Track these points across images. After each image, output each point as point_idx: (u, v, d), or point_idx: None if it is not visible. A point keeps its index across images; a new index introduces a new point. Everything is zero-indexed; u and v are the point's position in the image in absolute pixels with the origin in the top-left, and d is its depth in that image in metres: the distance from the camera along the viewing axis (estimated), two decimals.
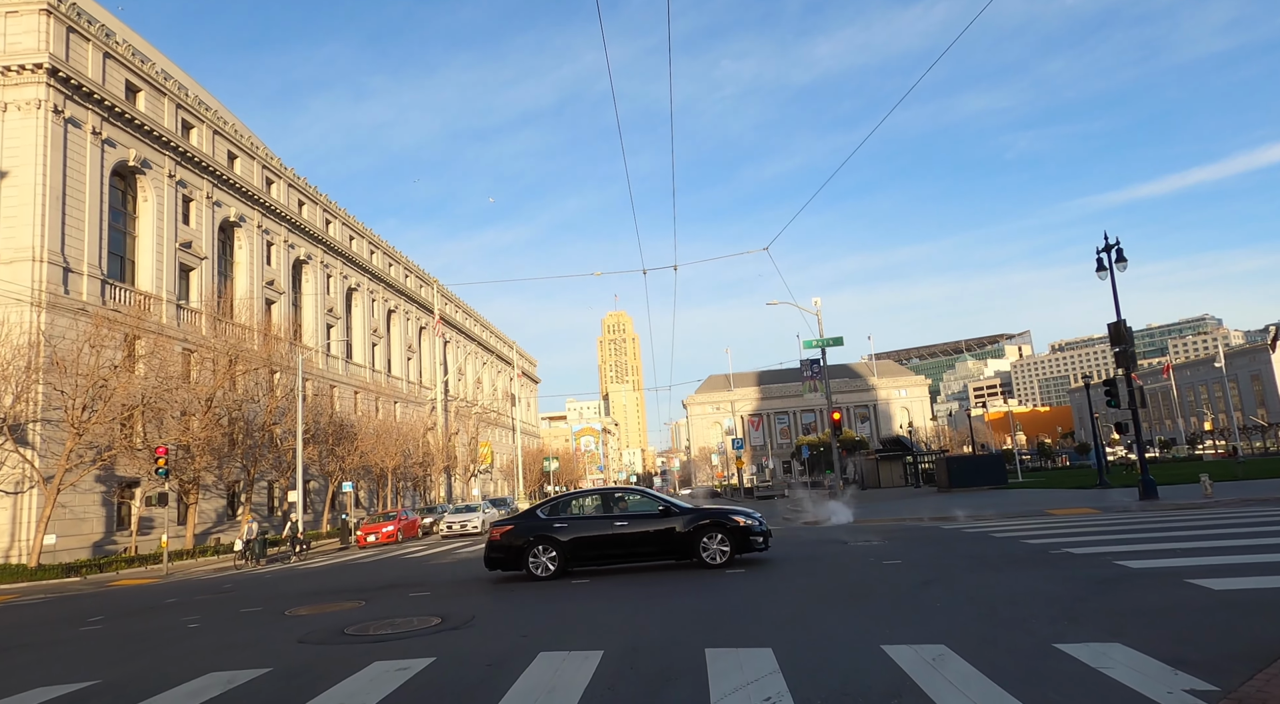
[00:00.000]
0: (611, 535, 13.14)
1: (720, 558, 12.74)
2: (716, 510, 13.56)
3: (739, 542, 12.89)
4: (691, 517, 13.11)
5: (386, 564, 21.65)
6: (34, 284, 31.46)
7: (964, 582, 10.03)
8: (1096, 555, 11.51)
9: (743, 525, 12.94)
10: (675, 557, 13.16)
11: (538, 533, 13.26)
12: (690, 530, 12.89)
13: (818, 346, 33.10)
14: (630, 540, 13.11)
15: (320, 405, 48.14)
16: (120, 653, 9.10)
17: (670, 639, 7.58)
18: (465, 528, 35.14)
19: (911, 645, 6.68)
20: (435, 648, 7.85)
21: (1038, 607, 8.04)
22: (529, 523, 13.60)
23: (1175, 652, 6.09)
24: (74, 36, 35.04)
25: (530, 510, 14.15)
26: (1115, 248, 24.35)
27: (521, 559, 13.18)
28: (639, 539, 13.09)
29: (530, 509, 14.25)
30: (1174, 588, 8.58)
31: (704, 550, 12.81)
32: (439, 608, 10.85)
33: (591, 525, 13.36)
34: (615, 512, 13.55)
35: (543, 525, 13.40)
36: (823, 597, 9.64)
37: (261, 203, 48.92)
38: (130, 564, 28.94)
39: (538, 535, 13.23)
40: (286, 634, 9.45)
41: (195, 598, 15.90)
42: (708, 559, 12.75)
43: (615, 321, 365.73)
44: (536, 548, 13.13)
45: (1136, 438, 24.99)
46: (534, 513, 13.90)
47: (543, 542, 13.17)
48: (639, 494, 14.17)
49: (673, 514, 13.15)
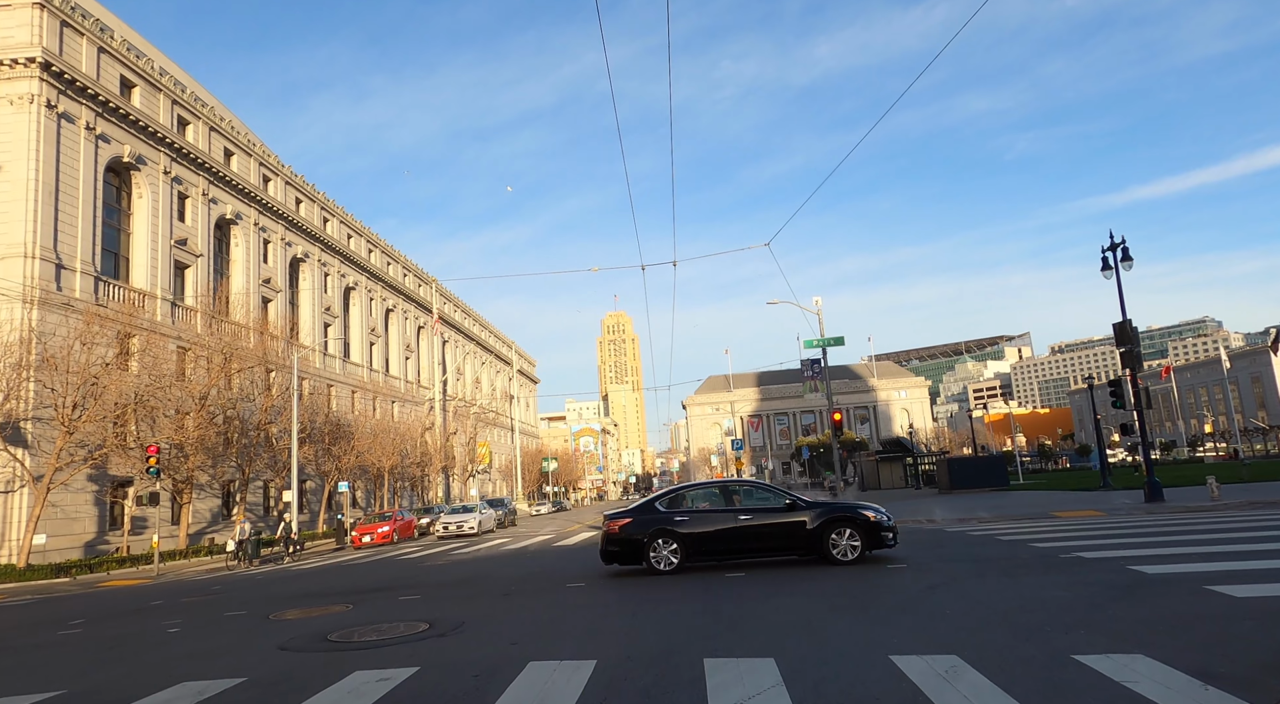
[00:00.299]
0: (736, 529, 12.70)
1: (851, 554, 12.31)
2: (845, 504, 13.12)
3: (870, 537, 12.44)
4: (820, 511, 12.68)
5: (380, 565, 21.28)
6: (26, 280, 31.09)
7: (972, 587, 9.67)
8: (1109, 560, 11.14)
9: (873, 520, 12.49)
10: (800, 552, 12.78)
11: (658, 526, 12.85)
12: (819, 525, 12.46)
13: (819, 346, 32.75)
14: (755, 535, 12.68)
15: (317, 404, 47.78)
16: (93, 660, 8.72)
17: (667, 648, 7.22)
18: (462, 529, 34.76)
19: (922, 656, 6.32)
20: (420, 656, 7.48)
21: (1052, 614, 7.67)
22: (648, 516, 13.12)
23: (1202, 663, 5.73)
24: (68, 31, 34.68)
25: (647, 503, 13.64)
26: (1121, 246, 23.99)
27: (641, 553, 12.80)
28: (764, 534, 12.68)
29: (646, 502, 13.72)
30: (1194, 595, 8.22)
31: (833, 547, 12.37)
32: (428, 612, 10.48)
33: (714, 519, 12.86)
34: (737, 505, 13.07)
35: (663, 519, 12.96)
36: (826, 602, 9.27)
37: (258, 200, 48.54)
38: (122, 564, 28.56)
39: (658, 529, 12.83)
40: (268, 640, 9.08)
41: (182, 600, 15.53)
42: (837, 556, 12.31)
43: (615, 322, 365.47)
44: (657, 542, 12.74)
45: (1142, 439, 24.63)
46: (651, 506, 13.43)
47: (664, 535, 12.77)
48: (760, 488, 13.69)
49: (799, 508, 12.72)
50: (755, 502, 13.15)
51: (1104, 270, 24.54)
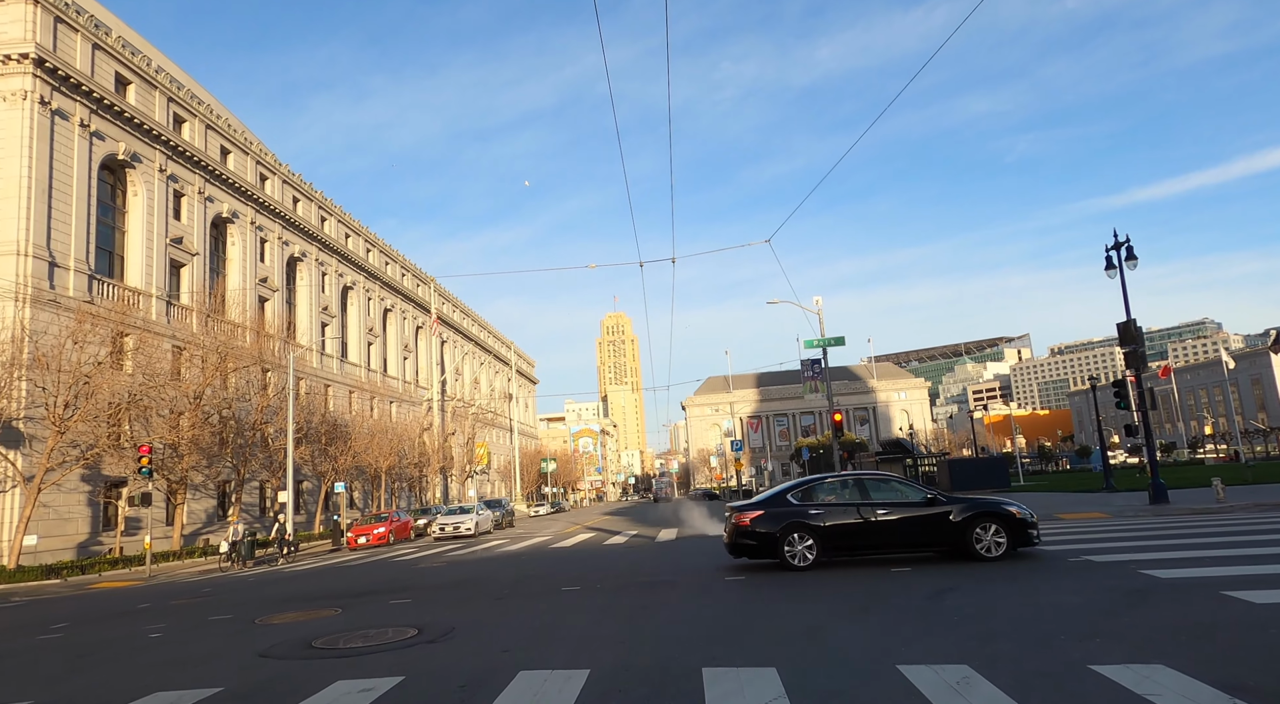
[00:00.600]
0: (874, 524, 12.31)
1: (995, 551, 11.92)
2: (989, 500, 12.71)
3: (1016, 534, 12.04)
4: (964, 505, 12.31)
5: (373, 567, 20.97)
6: (18, 278, 30.77)
7: (979, 592, 9.36)
8: (1119, 564, 10.84)
9: (1019, 517, 12.10)
10: (941, 547, 12.46)
11: (793, 520, 12.43)
12: (964, 520, 12.08)
13: (819, 346, 32.44)
14: (894, 529, 12.30)
15: (313, 404, 47.46)
16: (68, 667, 8.39)
17: (664, 656, 6.91)
18: (458, 530, 34.41)
19: (931, 666, 6.02)
20: (407, 665, 7.17)
21: (1065, 621, 7.38)
22: (781, 509, 12.69)
23: (1227, 675, 5.44)
24: (62, 27, 34.35)
25: (778, 495, 13.14)
26: (1125, 245, 23.71)
27: (776, 547, 12.38)
28: (904, 528, 12.30)
29: (777, 494, 13.21)
30: (1211, 601, 7.92)
31: (977, 542, 11.98)
32: (418, 617, 10.16)
33: (850, 512, 12.43)
34: (873, 499, 12.67)
35: (797, 512, 12.54)
36: (830, 607, 8.97)
37: (255, 199, 48.22)
38: (114, 566, 28.21)
39: (793, 522, 12.42)
40: (250, 647, 8.75)
41: (169, 603, 15.20)
42: (982, 551, 11.94)
43: (614, 323, 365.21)
44: (793, 536, 12.34)
45: (1147, 440, 24.35)
46: (783, 498, 12.95)
47: (799, 529, 12.36)
48: (895, 481, 13.27)
49: (940, 502, 12.34)
50: (892, 495, 12.75)
51: (1108, 269, 24.25)
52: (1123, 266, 23.78)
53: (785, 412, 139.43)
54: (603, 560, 17.34)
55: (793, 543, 12.34)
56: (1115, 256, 23.90)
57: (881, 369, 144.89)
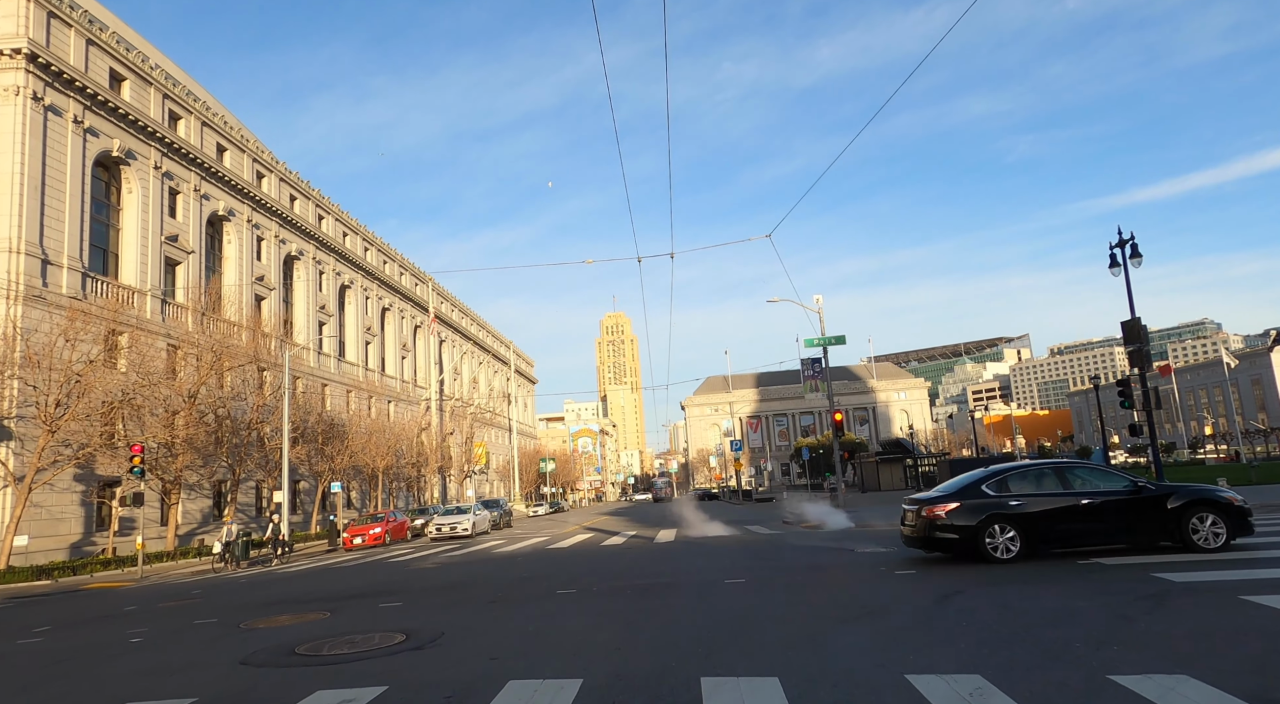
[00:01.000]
0: (1081, 513, 11.65)
1: (1214, 542, 11.29)
2: (1202, 487, 12.07)
3: (1235, 523, 11.33)
4: (1178, 494, 11.69)
5: (367, 568, 20.64)
6: (10, 276, 30.44)
7: (988, 596, 9.05)
8: (1130, 566, 10.53)
9: (1237, 504, 11.48)
10: (1151, 538, 11.82)
11: (992, 511, 11.74)
12: (1178, 508, 11.47)
13: (819, 345, 32.13)
14: (1102, 519, 11.69)
15: (310, 404, 47.11)
16: (40, 676, 8.07)
17: (661, 664, 6.59)
18: (455, 531, 34.07)
19: (941, 676, 5.71)
20: (391, 673, 6.85)
21: (1080, 627, 7.06)
22: (978, 499, 11.99)
23: (1256, 687, 5.14)
24: (55, 22, 34.02)
25: (969, 486, 12.38)
26: (1130, 243, 23.39)
27: (975, 540, 11.71)
28: (1112, 518, 11.69)
29: (968, 485, 12.45)
30: (1230, 606, 7.61)
31: (1194, 532, 11.38)
32: (407, 622, 9.84)
33: (1052, 503, 11.80)
34: (1075, 488, 12.00)
35: (995, 502, 11.83)
36: (833, 612, 8.65)
37: (252, 197, 47.89)
38: (106, 566, 27.87)
39: (993, 513, 11.71)
40: (231, 653, 8.43)
41: (157, 605, 14.88)
42: (1199, 542, 11.34)
43: (614, 323, 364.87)
44: (994, 527, 11.71)
45: (1151, 440, 24.02)
46: (975, 489, 12.21)
47: (1000, 520, 11.68)
48: (1095, 469, 12.62)
49: (1149, 490, 11.74)
50: (1094, 484, 12.10)
51: (1112, 268, 23.92)
52: (1127, 264, 23.45)
53: (785, 412, 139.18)
54: (600, 562, 17.03)
55: (994, 535, 11.70)
56: (1120, 254, 23.57)
57: (881, 369, 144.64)
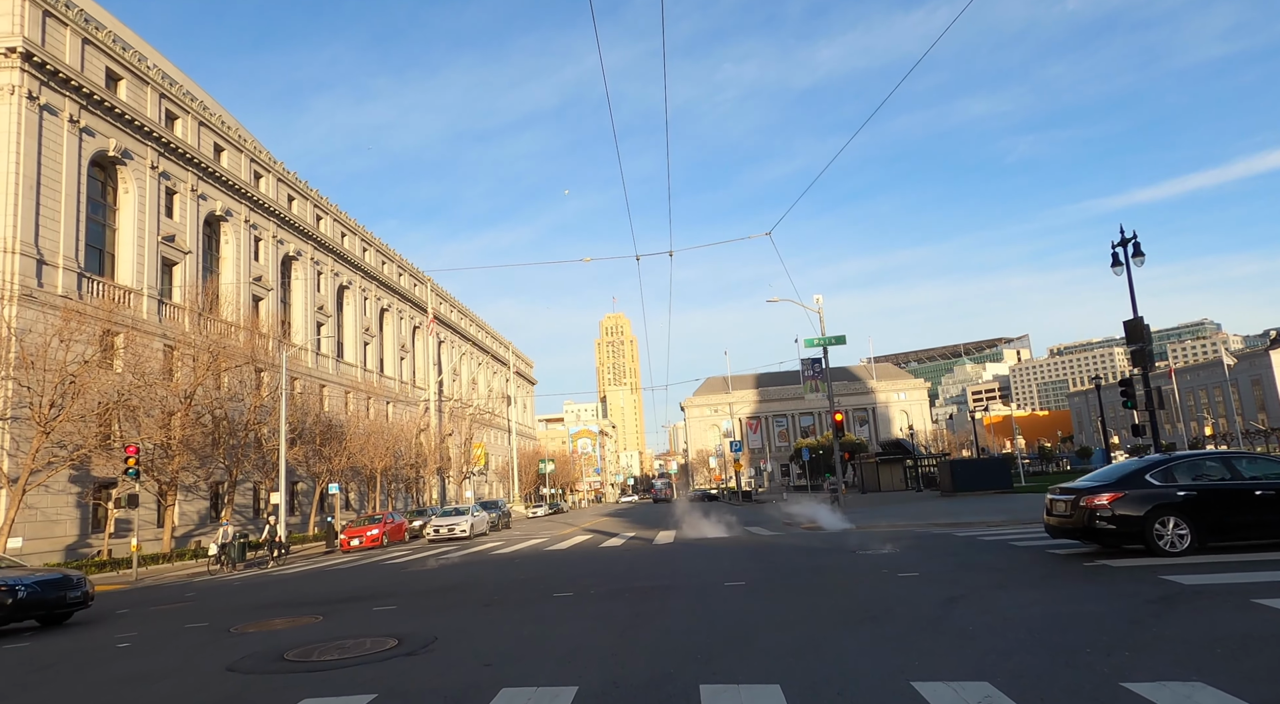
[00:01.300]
0: (1258, 504, 11.11)
1: None
2: None
3: None
4: None
5: (363, 571, 20.44)
6: (5, 276, 30.22)
7: (994, 599, 8.86)
8: (1137, 568, 10.34)
9: None
10: None
11: (1160, 502, 11.25)
12: None
13: (820, 345, 31.94)
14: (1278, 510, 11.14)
15: (308, 404, 46.86)
16: (20, 683, 7.88)
17: (658, 671, 6.40)
18: (453, 532, 33.87)
19: (948, 683, 5.52)
20: (382, 681, 6.65)
21: (1089, 632, 6.87)
22: (1143, 490, 11.46)
23: (1273, 694, 4.95)
24: (51, 21, 33.83)
25: (1131, 475, 11.88)
26: (1132, 241, 23.22)
27: (1142, 532, 11.24)
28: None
29: (1130, 474, 11.89)
30: (1243, 609, 7.42)
31: None
32: (401, 626, 9.65)
33: (1226, 493, 11.34)
34: (1245, 478, 11.42)
35: (1162, 493, 11.34)
36: (835, 616, 8.46)
37: (249, 197, 47.69)
38: (102, 568, 27.64)
39: (1160, 504, 11.23)
40: (218, 659, 8.23)
41: (149, 608, 14.68)
42: None
43: (613, 323, 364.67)
44: (1163, 518, 11.24)
45: (1154, 440, 23.85)
46: (1140, 478, 11.72)
47: (1169, 511, 11.21)
48: (1262, 459, 12.14)
49: None
50: (1266, 472, 11.63)
51: (1114, 267, 23.77)
52: (1129, 263, 23.28)
53: (784, 412, 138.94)
54: (598, 564, 16.83)
55: (1164, 527, 11.25)
56: (1122, 253, 23.41)
57: (881, 370, 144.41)
